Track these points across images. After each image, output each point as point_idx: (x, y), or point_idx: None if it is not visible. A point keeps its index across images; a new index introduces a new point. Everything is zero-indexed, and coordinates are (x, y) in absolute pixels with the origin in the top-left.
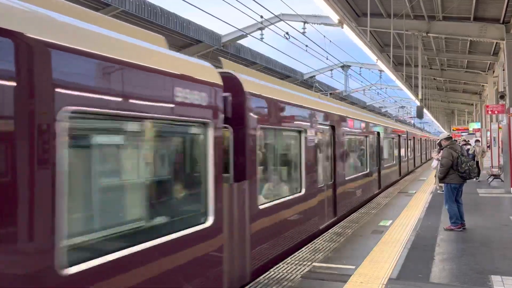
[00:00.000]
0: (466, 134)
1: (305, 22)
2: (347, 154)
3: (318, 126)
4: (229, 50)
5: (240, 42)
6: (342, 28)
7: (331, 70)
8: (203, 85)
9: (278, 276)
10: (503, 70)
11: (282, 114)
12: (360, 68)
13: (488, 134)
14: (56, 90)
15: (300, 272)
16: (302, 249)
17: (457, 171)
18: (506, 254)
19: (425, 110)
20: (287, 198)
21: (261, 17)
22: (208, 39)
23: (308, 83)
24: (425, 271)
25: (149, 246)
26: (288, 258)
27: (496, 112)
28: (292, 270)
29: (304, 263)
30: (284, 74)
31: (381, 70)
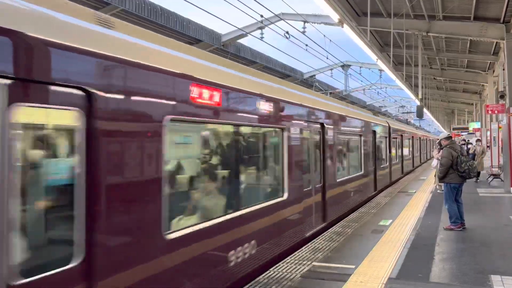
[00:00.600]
0: (466, 133)
1: (305, 22)
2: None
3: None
4: (229, 50)
5: (240, 41)
6: (342, 27)
7: (331, 69)
8: None
9: (278, 275)
10: (503, 69)
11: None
12: (360, 67)
13: (488, 133)
14: None
15: (300, 271)
16: (302, 248)
17: (456, 171)
18: (506, 254)
19: (425, 110)
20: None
21: (261, 16)
22: (208, 38)
23: (308, 83)
24: (425, 271)
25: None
26: (288, 258)
27: (496, 111)
28: (292, 270)
29: (304, 263)
30: (284, 74)
31: (381, 70)
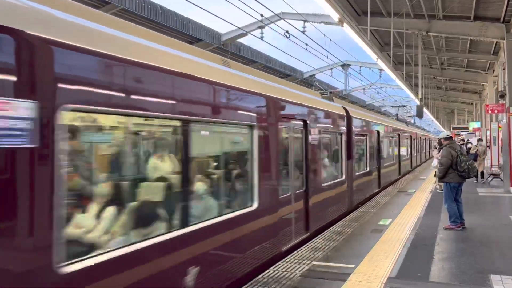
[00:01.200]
0: (466, 133)
1: (305, 21)
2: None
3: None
4: (229, 49)
5: (240, 40)
6: (343, 27)
7: (331, 69)
8: None
9: (277, 275)
10: (503, 69)
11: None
12: (360, 67)
13: (488, 133)
14: None
15: (299, 271)
16: (302, 247)
17: (456, 170)
18: (506, 254)
19: (425, 110)
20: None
21: (261, 15)
22: (208, 38)
23: (308, 82)
24: (424, 270)
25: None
26: (287, 257)
27: (496, 111)
28: (291, 269)
29: (303, 262)
30: (284, 73)
31: (381, 69)
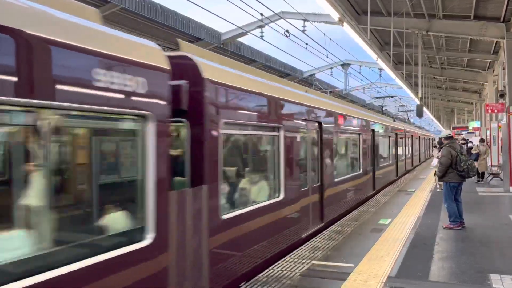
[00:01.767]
0: (466, 132)
1: (305, 20)
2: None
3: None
4: (229, 48)
5: (240, 40)
6: (343, 26)
7: (331, 68)
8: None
9: (277, 274)
10: (503, 69)
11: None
12: (360, 66)
13: (487, 133)
14: None
15: (299, 270)
16: (302, 247)
17: (456, 170)
18: (505, 253)
19: (424, 109)
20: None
21: (261, 14)
22: (208, 37)
23: (307, 81)
24: (424, 270)
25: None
26: (287, 256)
27: (496, 111)
28: (291, 268)
29: (303, 261)
30: (283, 72)
31: (381, 69)
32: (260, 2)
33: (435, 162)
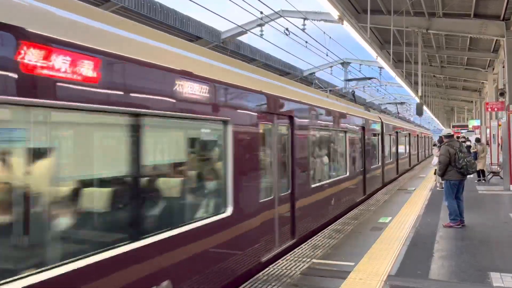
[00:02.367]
0: (466, 131)
1: (305, 19)
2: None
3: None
4: (229, 47)
5: (239, 38)
6: (342, 24)
7: (331, 67)
8: None
9: (277, 272)
10: (503, 67)
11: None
12: (360, 65)
13: (487, 131)
14: None
15: (299, 268)
16: (302, 245)
17: (455, 167)
18: (505, 252)
19: (424, 107)
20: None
21: (261, 13)
22: (207, 36)
23: (307, 80)
24: (424, 268)
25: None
26: (287, 255)
27: (495, 109)
28: (291, 267)
29: (303, 260)
30: (283, 71)
31: (381, 67)
32: (260, 1)
33: (435, 160)
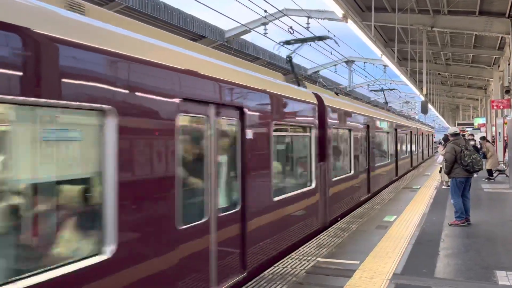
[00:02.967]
0: (471, 129)
1: (309, 17)
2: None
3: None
4: (232, 46)
5: (243, 37)
6: (347, 23)
7: (335, 65)
8: None
9: (282, 271)
10: (509, 64)
11: None
12: (364, 63)
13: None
14: None
15: (304, 267)
16: (306, 244)
17: (461, 165)
18: (511, 250)
19: (429, 105)
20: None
21: (265, 11)
22: (211, 35)
23: (312, 79)
24: (429, 267)
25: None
26: (292, 253)
27: (501, 107)
28: (296, 265)
29: (308, 259)
30: (288, 70)
31: (385, 65)
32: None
33: (440, 158)
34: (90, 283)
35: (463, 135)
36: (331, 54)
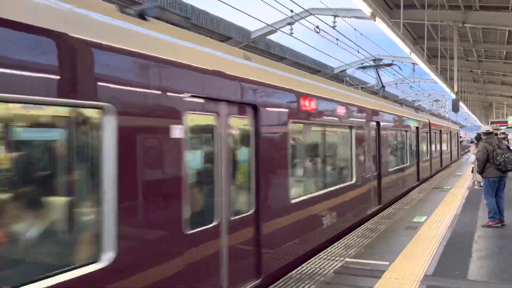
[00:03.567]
0: (505, 127)
1: (335, 16)
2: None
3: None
4: (258, 46)
5: (269, 37)
6: (375, 21)
7: (362, 64)
8: None
9: (310, 271)
10: None
11: None
12: (392, 61)
13: None
14: None
15: (332, 267)
16: (334, 244)
17: (493, 164)
18: None
19: (461, 103)
20: None
21: (291, 11)
22: (238, 36)
23: (338, 78)
24: (462, 268)
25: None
26: (320, 253)
27: None
28: (324, 265)
29: (336, 259)
30: (314, 69)
31: (414, 63)
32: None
33: (473, 158)
34: None
35: (496, 134)
36: (358, 52)
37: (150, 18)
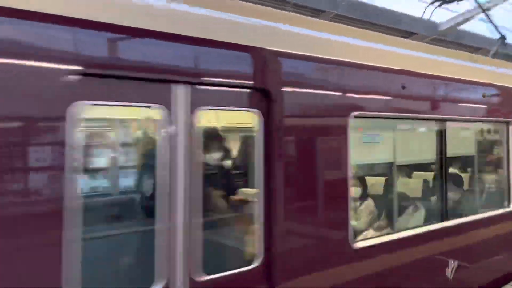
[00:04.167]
0: None
1: None
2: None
3: None
4: (447, 38)
5: (460, 27)
6: None
7: None
8: None
9: None
10: None
11: None
12: None
13: None
14: None
15: None
16: None
17: None
18: None
19: None
20: None
21: None
22: (423, 30)
23: None
24: None
25: None
26: None
27: None
28: None
29: None
30: None
31: None
32: None
33: None
34: None
35: None
36: None
37: None
